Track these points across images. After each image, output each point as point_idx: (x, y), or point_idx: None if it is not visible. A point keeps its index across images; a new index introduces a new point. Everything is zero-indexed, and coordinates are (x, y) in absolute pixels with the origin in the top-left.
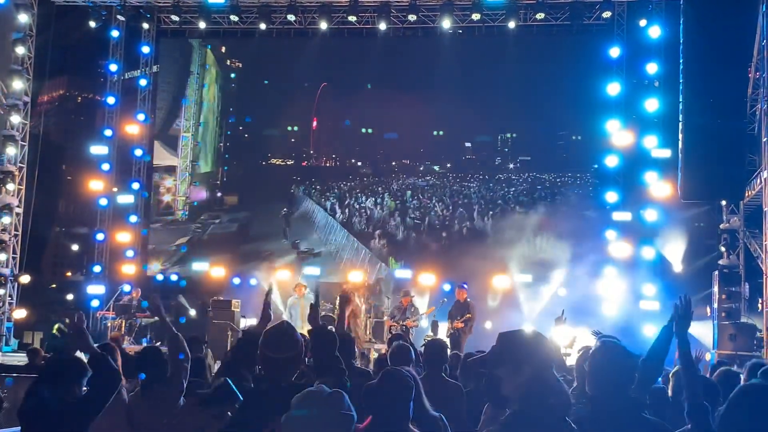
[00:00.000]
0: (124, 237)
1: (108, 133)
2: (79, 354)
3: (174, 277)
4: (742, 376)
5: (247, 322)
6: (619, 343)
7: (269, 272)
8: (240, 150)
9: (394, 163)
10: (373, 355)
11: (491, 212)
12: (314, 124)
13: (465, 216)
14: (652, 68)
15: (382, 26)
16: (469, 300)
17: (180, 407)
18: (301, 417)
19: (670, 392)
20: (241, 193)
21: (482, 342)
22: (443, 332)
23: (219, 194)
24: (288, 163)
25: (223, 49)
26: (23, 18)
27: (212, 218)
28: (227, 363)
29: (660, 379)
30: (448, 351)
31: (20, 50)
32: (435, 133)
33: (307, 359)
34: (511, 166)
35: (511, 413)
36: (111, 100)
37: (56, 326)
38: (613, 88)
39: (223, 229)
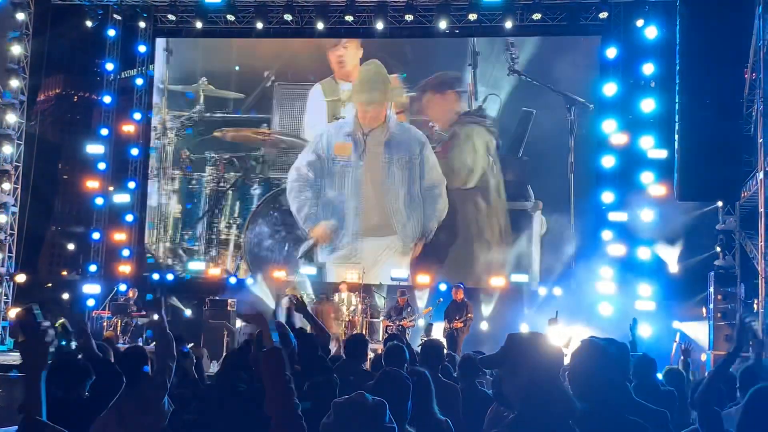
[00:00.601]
0: (120, 236)
1: (104, 132)
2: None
3: (170, 276)
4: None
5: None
6: (601, 342)
7: (266, 274)
8: None
9: None
10: (370, 355)
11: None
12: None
13: None
14: (648, 69)
15: (379, 26)
16: (466, 300)
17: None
18: (342, 427)
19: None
20: None
21: (479, 343)
22: (437, 333)
23: None
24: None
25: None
26: (20, 17)
27: None
28: (225, 365)
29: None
30: (445, 351)
31: (17, 49)
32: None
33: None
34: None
35: (514, 416)
36: (107, 99)
37: (60, 322)
38: (610, 89)
39: None
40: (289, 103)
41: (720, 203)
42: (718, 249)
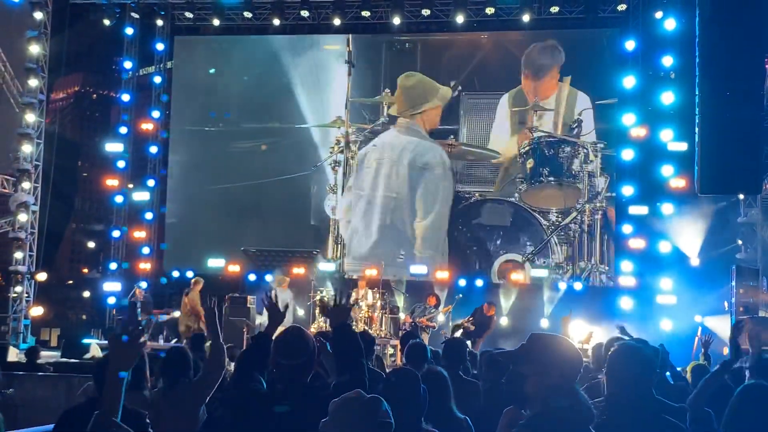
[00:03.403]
0: (140, 234)
1: (123, 130)
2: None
3: (190, 274)
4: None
5: (263, 318)
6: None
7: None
8: None
9: None
10: (389, 351)
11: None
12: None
13: None
14: (667, 61)
15: (396, 21)
16: (494, 317)
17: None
18: (339, 424)
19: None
20: None
21: (499, 339)
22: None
23: None
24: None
25: None
26: (38, 16)
27: None
28: (239, 366)
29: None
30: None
31: (35, 48)
32: None
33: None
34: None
35: (533, 414)
36: (126, 97)
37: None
38: (629, 81)
39: None
40: (477, 114)
41: (741, 196)
42: (740, 242)
